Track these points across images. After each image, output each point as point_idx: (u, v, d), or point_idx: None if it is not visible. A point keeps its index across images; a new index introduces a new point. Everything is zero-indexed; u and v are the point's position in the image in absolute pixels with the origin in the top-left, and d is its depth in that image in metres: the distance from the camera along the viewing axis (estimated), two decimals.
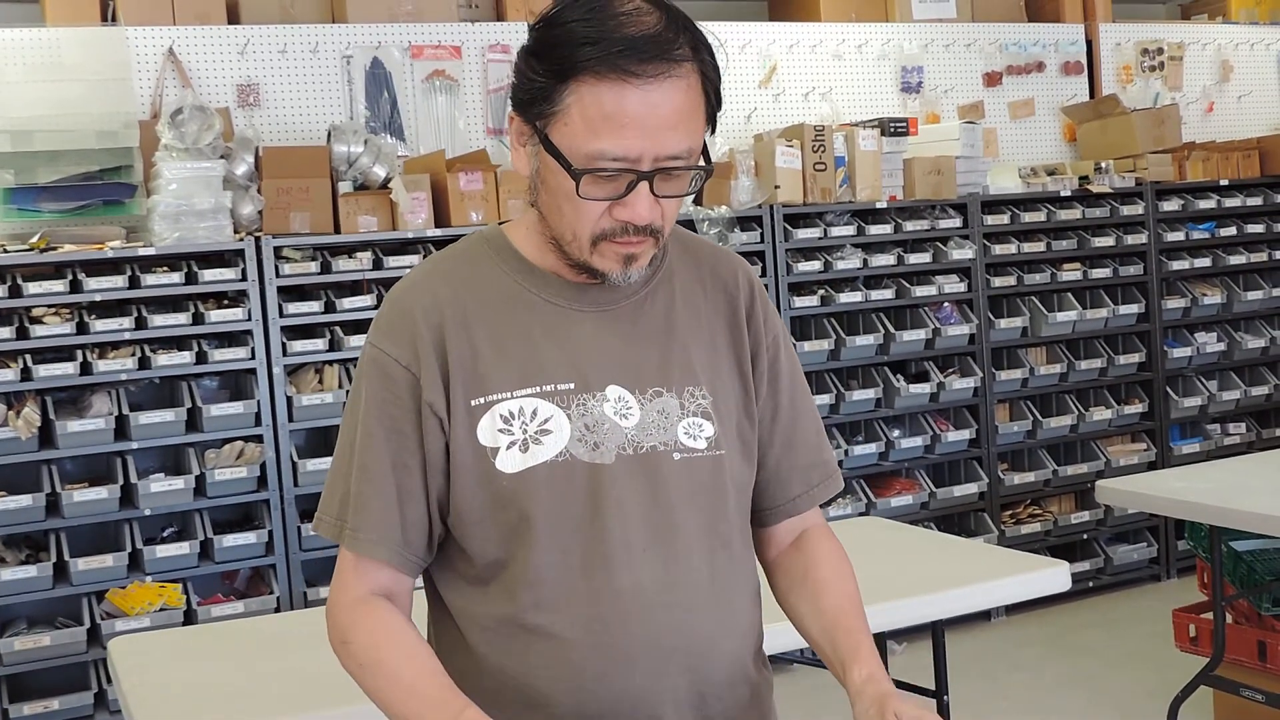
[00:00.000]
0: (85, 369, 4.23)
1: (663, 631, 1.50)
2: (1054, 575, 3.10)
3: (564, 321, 1.53)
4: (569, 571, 1.49)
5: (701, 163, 1.47)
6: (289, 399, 4.45)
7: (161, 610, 4.20)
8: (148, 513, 4.29)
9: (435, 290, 1.54)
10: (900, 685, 3.43)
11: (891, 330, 5.37)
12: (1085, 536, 5.80)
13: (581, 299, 1.54)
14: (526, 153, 1.49)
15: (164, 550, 4.29)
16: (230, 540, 4.37)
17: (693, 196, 1.69)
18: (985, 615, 5.46)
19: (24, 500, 4.16)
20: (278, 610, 4.32)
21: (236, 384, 4.59)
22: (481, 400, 1.50)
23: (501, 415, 1.49)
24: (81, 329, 4.24)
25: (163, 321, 4.33)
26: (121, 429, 4.29)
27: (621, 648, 1.49)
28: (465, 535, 1.52)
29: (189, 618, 4.25)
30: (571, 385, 1.51)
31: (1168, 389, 6.00)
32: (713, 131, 1.48)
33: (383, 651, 1.49)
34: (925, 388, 5.41)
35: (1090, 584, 5.72)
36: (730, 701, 1.57)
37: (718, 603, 1.55)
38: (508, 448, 1.49)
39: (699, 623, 1.53)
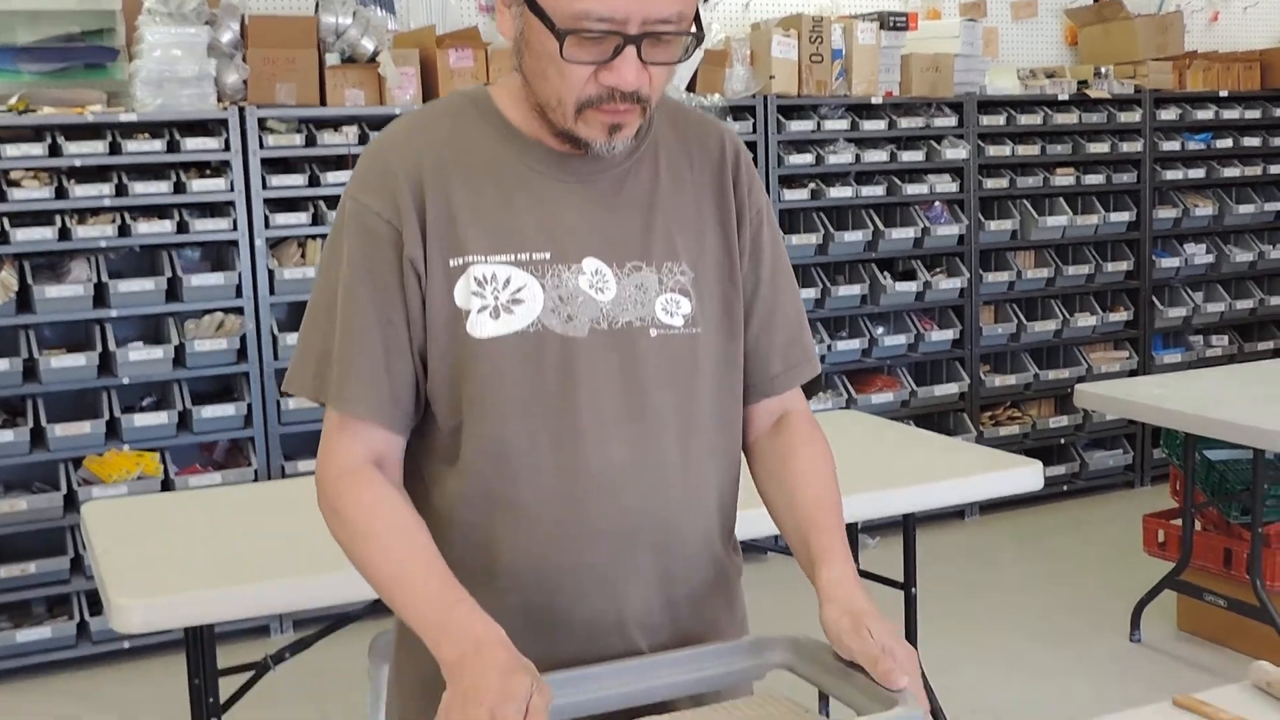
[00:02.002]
0: (64, 234, 4.18)
1: (630, 509, 1.48)
2: (1027, 474, 3.12)
3: (544, 190, 1.49)
4: (537, 446, 1.46)
5: (693, 30, 1.41)
6: (270, 272, 4.42)
7: (139, 479, 4.21)
8: (126, 381, 4.27)
9: (415, 145, 1.49)
10: (869, 577, 3.49)
11: (881, 227, 5.33)
12: (1063, 441, 5.83)
13: (563, 169, 1.50)
14: (511, 14, 1.44)
15: (142, 419, 4.29)
16: (209, 411, 4.37)
17: (684, 63, 1.62)
18: (959, 514, 5.52)
19: (1, 365, 4.14)
20: (255, 483, 4.33)
21: (218, 255, 4.54)
22: (460, 261, 1.46)
23: (475, 279, 1.46)
24: (60, 194, 4.19)
25: (143, 189, 4.27)
26: (100, 296, 4.26)
27: (588, 524, 1.47)
28: (433, 398, 1.50)
29: (166, 487, 4.26)
30: (547, 255, 1.47)
31: (1153, 298, 5.99)
32: None
33: (377, 523, 1.44)
34: (911, 286, 5.40)
35: (1065, 488, 5.78)
36: (697, 581, 1.56)
37: (688, 482, 1.52)
38: (479, 311, 1.45)
39: (668, 501, 1.50)
